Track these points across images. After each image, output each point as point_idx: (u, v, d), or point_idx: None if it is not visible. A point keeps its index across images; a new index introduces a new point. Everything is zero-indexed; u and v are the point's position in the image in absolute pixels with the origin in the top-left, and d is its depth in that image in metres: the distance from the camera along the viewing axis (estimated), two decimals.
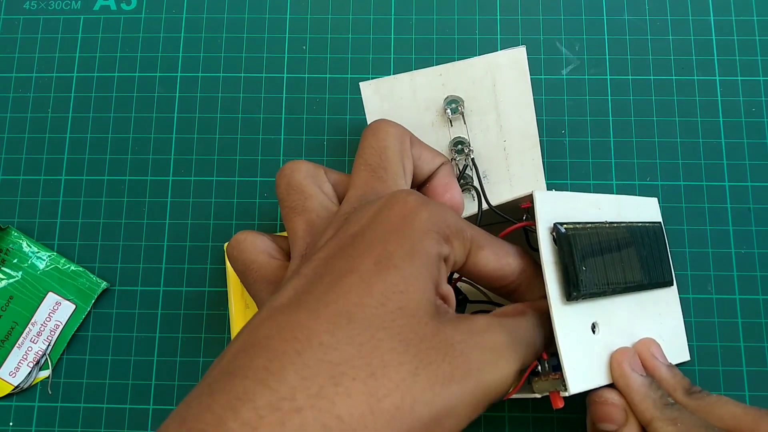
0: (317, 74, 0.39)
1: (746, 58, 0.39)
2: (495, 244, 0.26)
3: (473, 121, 0.35)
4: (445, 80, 0.34)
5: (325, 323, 0.19)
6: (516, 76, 0.34)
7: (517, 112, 0.34)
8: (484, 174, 0.35)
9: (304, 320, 0.20)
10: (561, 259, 0.27)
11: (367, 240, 0.22)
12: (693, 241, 0.37)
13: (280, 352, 0.19)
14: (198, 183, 0.38)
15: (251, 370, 0.18)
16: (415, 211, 0.23)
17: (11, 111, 0.39)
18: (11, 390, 0.35)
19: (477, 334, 0.22)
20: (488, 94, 0.34)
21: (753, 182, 0.37)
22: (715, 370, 0.35)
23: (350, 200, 0.26)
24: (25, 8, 0.41)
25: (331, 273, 0.21)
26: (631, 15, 0.40)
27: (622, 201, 0.32)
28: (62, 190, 0.38)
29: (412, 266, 0.21)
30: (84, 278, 0.36)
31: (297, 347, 0.19)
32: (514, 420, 0.35)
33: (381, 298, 0.20)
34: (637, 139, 0.38)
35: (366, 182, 0.26)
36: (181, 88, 0.39)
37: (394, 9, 0.40)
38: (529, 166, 0.35)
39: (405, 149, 0.28)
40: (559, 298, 0.26)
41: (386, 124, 0.28)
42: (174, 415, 0.19)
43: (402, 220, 0.23)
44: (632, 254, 0.30)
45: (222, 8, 0.40)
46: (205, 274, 0.37)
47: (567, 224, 0.27)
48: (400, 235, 0.22)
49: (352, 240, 0.22)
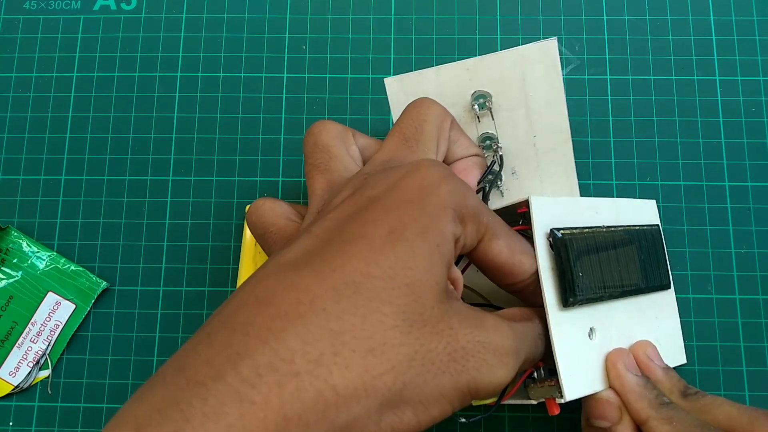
0: (317, 74, 0.39)
1: (746, 58, 0.39)
2: (512, 237, 0.25)
3: (502, 116, 0.33)
4: (473, 75, 0.33)
5: (330, 290, 0.19)
6: (547, 70, 0.33)
7: (547, 107, 0.33)
8: (513, 170, 0.34)
9: (310, 282, 0.19)
10: (557, 264, 0.27)
11: (383, 206, 0.21)
12: (693, 241, 0.37)
13: (283, 312, 0.19)
14: (198, 183, 0.38)
15: (253, 327, 0.18)
16: (436, 183, 0.22)
17: (11, 111, 0.39)
18: (11, 390, 0.35)
19: (483, 332, 0.22)
20: (517, 88, 0.33)
21: (753, 182, 0.37)
22: (715, 370, 0.35)
23: (374, 162, 0.25)
24: (25, 8, 0.41)
25: (342, 235, 0.21)
26: (631, 15, 0.40)
27: (620, 204, 0.32)
28: (62, 190, 0.38)
29: (425, 242, 0.21)
30: (84, 278, 0.36)
31: (300, 310, 0.19)
32: (513, 420, 0.35)
33: (389, 271, 0.20)
34: (637, 139, 0.38)
35: (395, 149, 0.26)
36: (181, 88, 0.39)
37: (394, 9, 0.40)
38: (561, 162, 0.33)
39: (443, 129, 0.27)
40: (556, 305, 0.26)
41: (430, 101, 0.28)
42: (172, 361, 0.19)
43: (421, 191, 0.22)
44: (629, 258, 0.30)
45: (222, 8, 0.40)
46: (205, 274, 0.37)
47: (564, 229, 0.27)
48: (417, 206, 0.21)
49: (368, 203, 0.22)
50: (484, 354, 0.21)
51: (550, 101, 0.33)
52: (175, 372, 0.18)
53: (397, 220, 0.21)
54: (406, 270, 0.20)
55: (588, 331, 0.28)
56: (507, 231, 0.25)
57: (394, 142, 0.26)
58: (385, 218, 0.21)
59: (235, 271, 0.37)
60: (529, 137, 0.33)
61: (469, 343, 0.21)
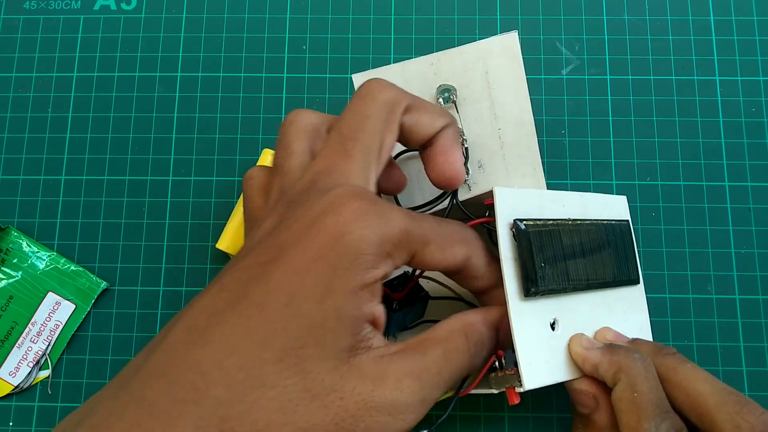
0: (317, 74, 0.39)
1: (746, 58, 0.39)
2: (441, 235, 0.25)
3: (467, 109, 0.34)
4: (437, 69, 0.34)
5: (224, 376, 0.20)
6: (508, 62, 0.33)
7: (511, 100, 0.33)
8: (480, 163, 0.34)
9: (209, 368, 0.20)
10: (520, 255, 0.27)
11: (289, 264, 0.21)
12: (693, 241, 0.37)
13: (182, 397, 0.20)
14: (198, 183, 0.38)
15: (157, 408, 0.20)
16: (350, 225, 0.21)
17: (11, 111, 0.39)
18: (11, 390, 0.35)
19: (381, 391, 0.21)
20: (481, 81, 0.33)
21: (753, 182, 0.37)
22: (715, 370, 0.35)
23: (305, 177, 0.24)
24: (25, 8, 0.41)
25: (245, 300, 0.21)
26: (631, 15, 0.40)
27: (588, 198, 0.32)
28: (62, 190, 0.38)
29: (323, 311, 0.21)
30: (84, 278, 0.36)
31: (196, 397, 0.20)
32: (513, 420, 0.35)
33: (281, 353, 0.20)
34: (637, 139, 0.38)
35: (330, 155, 0.24)
36: (181, 88, 0.39)
37: (394, 9, 0.40)
38: (526, 154, 0.34)
39: (392, 120, 0.25)
40: (517, 294, 0.26)
41: (378, 87, 0.26)
42: (77, 413, 0.21)
43: (334, 241, 0.21)
44: (595, 252, 0.30)
45: (222, 8, 0.40)
46: (205, 273, 0.37)
47: (527, 220, 0.27)
48: (324, 263, 0.21)
49: (278, 254, 0.22)
50: (377, 416, 0.21)
51: (513, 94, 0.33)
52: (73, 426, 0.20)
53: (299, 286, 0.21)
54: (298, 350, 0.20)
55: (551, 322, 0.28)
56: (437, 231, 0.25)
57: (332, 145, 0.25)
58: (287, 283, 0.21)
59: None
60: (494, 130, 0.34)
61: (360, 410, 0.21)
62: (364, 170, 0.24)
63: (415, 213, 0.24)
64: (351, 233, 0.21)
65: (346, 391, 0.21)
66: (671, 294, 0.36)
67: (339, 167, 0.24)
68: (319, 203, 0.22)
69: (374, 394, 0.21)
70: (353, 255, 0.21)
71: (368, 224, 0.22)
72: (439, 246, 0.24)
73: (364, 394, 0.21)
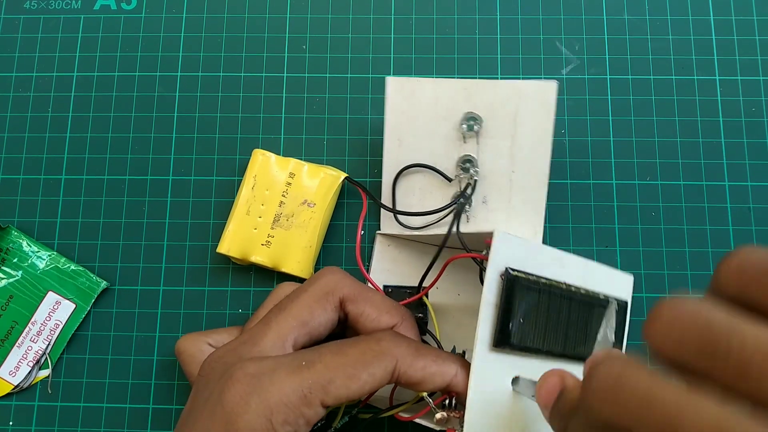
0: (317, 74, 0.39)
1: (746, 58, 0.39)
2: (346, 367, 0.25)
3: (487, 143, 0.33)
4: (469, 95, 0.33)
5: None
6: (540, 109, 0.33)
7: (533, 146, 0.33)
8: (484, 198, 0.34)
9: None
10: (501, 303, 0.26)
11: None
12: (693, 241, 0.36)
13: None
14: (198, 183, 0.38)
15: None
16: (242, 409, 0.24)
17: (11, 110, 0.39)
18: (11, 389, 0.35)
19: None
20: (508, 119, 0.33)
21: (753, 182, 0.37)
22: None
23: (217, 354, 0.27)
24: (26, 8, 0.41)
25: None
26: (631, 15, 0.40)
27: (592, 267, 0.30)
28: (62, 190, 0.38)
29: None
30: (84, 278, 0.36)
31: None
32: None
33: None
34: (637, 139, 0.38)
35: (243, 337, 0.27)
36: (181, 87, 0.39)
37: (394, 9, 0.40)
38: (532, 203, 0.33)
39: (325, 299, 0.28)
40: (487, 342, 0.26)
41: (326, 273, 0.29)
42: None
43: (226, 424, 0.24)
44: (581, 324, 0.29)
45: (222, 8, 0.40)
46: (205, 273, 0.37)
47: (519, 272, 0.27)
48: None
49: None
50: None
51: (536, 141, 0.33)
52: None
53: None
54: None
55: (512, 379, 0.27)
56: (339, 362, 0.25)
57: (266, 315, 0.28)
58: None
59: (236, 272, 0.37)
60: (507, 170, 0.33)
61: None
62: (279, 336, 0.27)
63: (316, 352, 0.25)
64: (244, 414, 0.24)
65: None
66: (671, 294, 0.36)
67: (236, 355, 0.26)
68: (211, 400, 0.25)
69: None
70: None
71: (252, 408, 0.24)
72: (346, 378, 0.25)
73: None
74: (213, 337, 0.32)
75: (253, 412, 0.24)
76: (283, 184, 0.36)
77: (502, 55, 0.39)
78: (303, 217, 0.35)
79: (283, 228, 0.35)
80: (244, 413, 0.24)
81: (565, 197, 0.37)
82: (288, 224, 0.35)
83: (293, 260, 0.35)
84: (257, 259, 0.35)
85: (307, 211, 0.35)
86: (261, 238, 0.35)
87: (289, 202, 0.35)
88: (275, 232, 0.35)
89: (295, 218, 0.35)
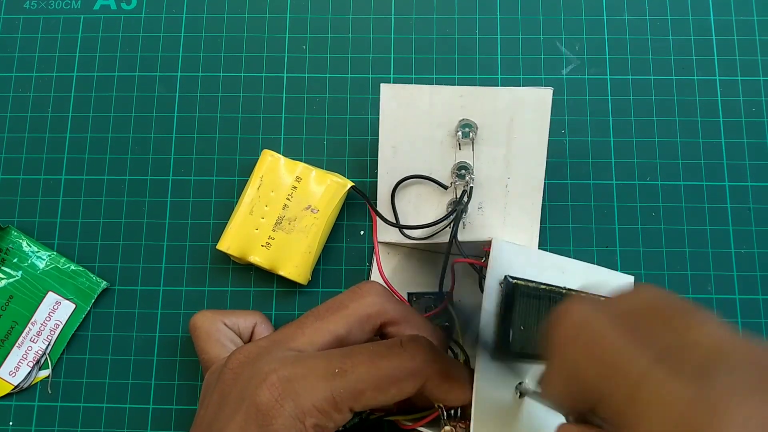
0: (317, 74, 0.39)
1: (746, 58, 0.39)
2: (379, 378, 0.25)
3: (482, 150, 0.33)
4: (465, 102, 0.33)
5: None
6: (537, 117, 0.33)
7: (528, 153, 0.33)
8: (480, 205, 0.34)
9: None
10: (501, 311, 0.26)
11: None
12: (693, 241, 0.37)
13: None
14: (198, 183, 0.38)
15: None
16: (274, 410, 0.25)
17: (11, 110, 0.39)
18: (11, 389, 0.35)
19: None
20: (504, 127, 0.33)
21: (753, 182, 0.37)
22: None
23: (246, 350, 0.27)
24: (26, 8, 0.41)
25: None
26: (631, 15, 0.40)
27: (591, 270, 0.30)
28: (62, 190, 0.38)
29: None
30: (84, 278, 0.36)
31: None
32: None
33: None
34: (637, 139, 0.38)
35: (275, 337, 0.28)
36: (181, 87, 0.39)
37: (394, 9, 0.40)
38: (527, 209, 0.33)
39: (364, 329, 0.28)
40: (489, 351, 0.26)
41: (371, 291, 0.28)
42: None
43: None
44: None
45: (222, 8, 0.40)
46: (205, 273, 0.37)
47: (519, 279, 0.27)
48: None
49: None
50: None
51: (532, 148, 0.33)
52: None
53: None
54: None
55: (515, 386, 0.27)
56: (374, 374, 0.25)
57: (300, 319, 0.28)
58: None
59: (236, 272, 0.37)
60: (503, 177, 0.33)
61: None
62: (311, 344, 0.27)
63: (348, 360, 0.25)
64: (278, 415, 0.24)
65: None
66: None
67: (288, 338, 0.27)
68: (248, 388, 0.25)
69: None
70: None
71: (287, 411, 0.24)
72: (376, 391, 0.25)
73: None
74: (230, 318, 0.33)
75: (288, 415, 0.24)
76: (288, 188, 0.36)
77: (502, 55, 0.39)
78: (305, 222, 0.35)
79: (285, 231, 0.35)
80: (278, 416, 0.24)
81: (565, 197, 0.37)
82: (290, 228, 0.35)
83: (291, 264, 0.35)
84: (255, 260, 0.35)
85: (309, 217, 0.35)
86: (261, 239, 0.35)
87: (293, 205, 0.35)
88: (276, 234, 0.35)
89: (298, 222, 0.35)
